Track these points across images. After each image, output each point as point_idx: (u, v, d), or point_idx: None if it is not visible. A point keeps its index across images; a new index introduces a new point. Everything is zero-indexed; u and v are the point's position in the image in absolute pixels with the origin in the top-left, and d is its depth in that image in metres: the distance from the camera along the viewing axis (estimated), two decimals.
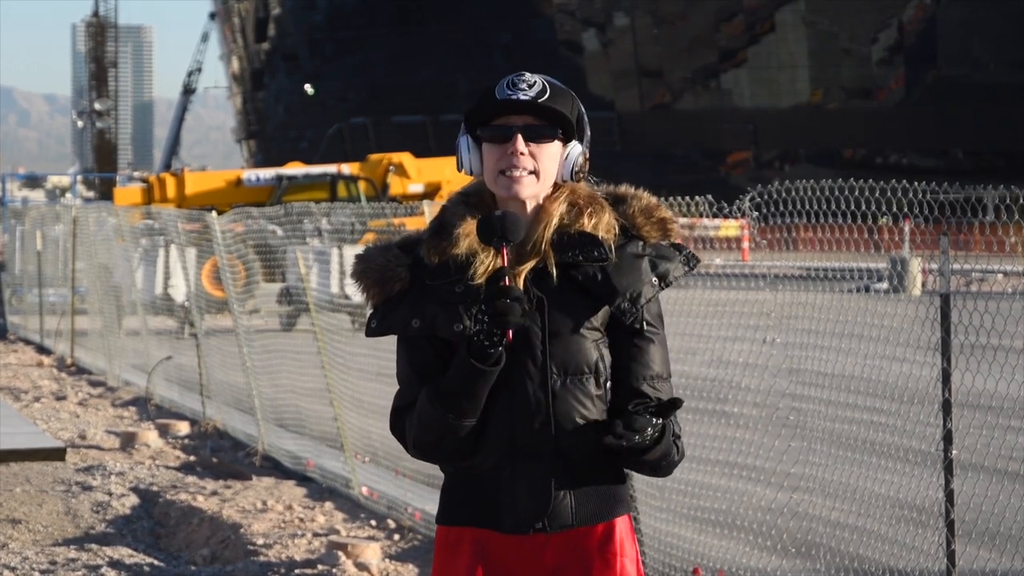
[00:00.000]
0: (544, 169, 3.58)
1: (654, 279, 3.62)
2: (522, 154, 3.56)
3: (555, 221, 3.59)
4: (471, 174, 3.65)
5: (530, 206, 3.60)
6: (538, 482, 3.56)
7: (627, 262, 3.60)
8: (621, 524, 3.64)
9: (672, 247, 3.67)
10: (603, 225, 3.60)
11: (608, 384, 3.60)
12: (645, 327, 3.61)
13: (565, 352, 3.55)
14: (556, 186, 3.63)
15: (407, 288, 3.61)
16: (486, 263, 3.55)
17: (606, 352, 3.59)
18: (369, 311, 3.66)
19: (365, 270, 3.64)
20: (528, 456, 3.57)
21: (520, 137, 3.56)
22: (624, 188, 3.73)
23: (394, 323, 3.62)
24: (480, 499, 3.61)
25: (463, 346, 3.50)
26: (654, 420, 3.47)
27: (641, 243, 3.64)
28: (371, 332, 3.65)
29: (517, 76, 3.61)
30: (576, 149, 3.62)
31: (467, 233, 3.56)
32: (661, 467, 3.60)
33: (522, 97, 3.56)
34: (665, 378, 3.65)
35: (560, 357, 3.55)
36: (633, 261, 3.60)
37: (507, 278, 3.47)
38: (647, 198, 3.71)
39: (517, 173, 3.56)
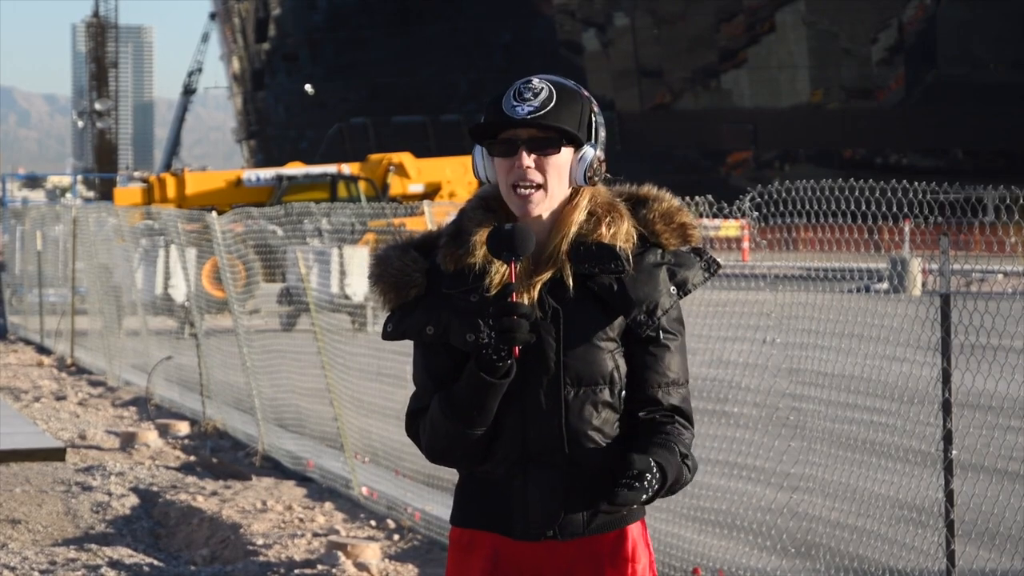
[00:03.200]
0: (552, 180, 3.54)
1: (672, 288, 3.57)
2: (528, 168, 3.53)
3: (573, 231, 3.55)
4: (487, 181, 3.62)
5: (546, 215, 3.57)
6: (550, 491, 3.55)
7: (644, 272, 3.56)
8: (634, 530, 3.62)
9: (692, 252, 3.62)
10: (621, 235, 3.56)
11: (623, 394, 3.57)
12: (661, 335, 3.57)
13: (579, 363, 3.53)
14: (576, 191, 3.59)
15: (423, 294, 3.59)
16: (502, 272, 3.52)
17: (621, 362, 3.56)
18: (386, 314, 3.65)
19: (382, 274, 3.61)
20: (540, 465, 3.55)
21: (524, 152, 3.53)
22: (646, 189, 3.68)
23: (409, 328, 3.60)
24: (493, 504, 3.59)
25: (472, 358, 3.49)
26: (641, 484, 3.40)
27: (660, 251, 3.59)
28: (387, 336, 3.64)
29: (524, 84, 3.54)
30: (589, 154, 3.56)
31: (483, 242, 3.52)
32: (675, 491, 3.58)
33: (526, 109, 3.51)
34: (681, 384, 3.61)
35: (574, 368, 3.53)
36: (651, 271, 3.56)
37: (514, 294, 3.44)
38: (668, 201, 3.64)
39: (526, 191, 3.52)
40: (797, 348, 8.21)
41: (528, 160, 3.52)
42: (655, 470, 3.42)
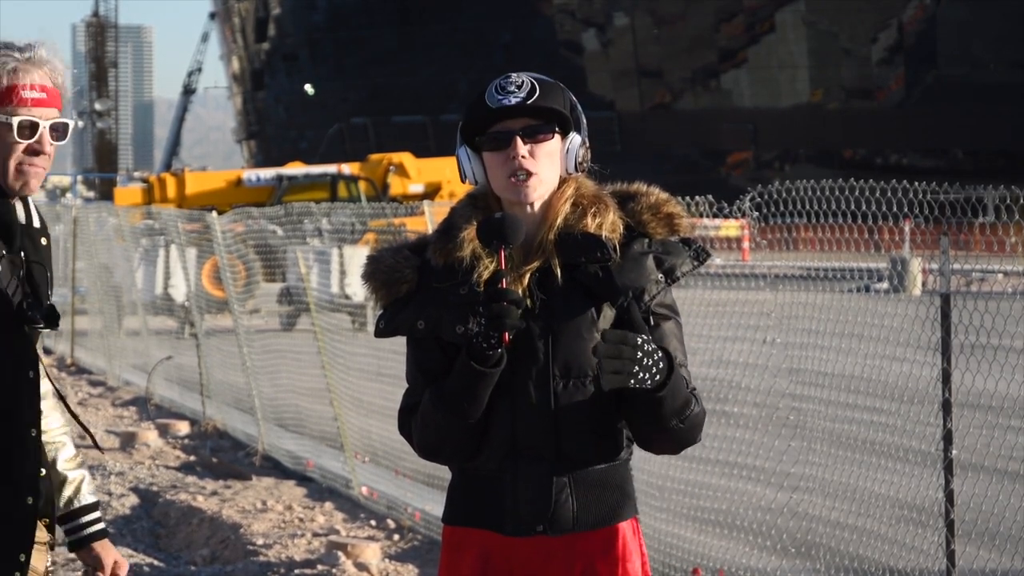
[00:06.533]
0: (547, 167, 3.57)
1: (659, 276, 3.58)
2: (523, 157, 3.55)
3: (559, 221, 3.58)
4: (475, 183, 3.64)
5: (537, 205, 3.59)
6: (539, 485, 3.55)
7: (630, 260, 3.57)
8: (625, 527, 3.62)
9: (681, 242, 3.63)
10: (607, 225, 3.58)
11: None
12: (651, 319, 3.57)
13: (568, 354, 3.54)
14: (562, 180, 3.62)
15: (414, 289, 3.61)
16: (490, 267, 3.54)
17: None
18: (379, 312, 3.67)
19: (374, 271, 3.65)
20: (530, 459, 3.55)
21: (519, 140, 3.55)
22: (636, 186, 3.71)
23: (401, 324, 3.62)
24: (484, 500, 3.60)
25: (463, 348, 3.50)
26: (638, 341, 3.35)
27: (646, 240, 3.60)
28: (379, 333, 3.67)
29: (504, 79, 3.59)
30: (576, 140, 3.60)
31: (471, 237, 3.55)
32: (686, 422, 3.53)
33: (514, 101, 3.54)
34: (680, 364, 3.58)
35: (563, 359, 3.53)
36: (637, 259, 3.57)
37: (504, 280, 3.46)
38: (657, 194, 3.66)
39: (523, 177, 3.55)
40: (797, 348, 8.22)
41: (523, 149, 3.54)
42: (641, 344, 3.36)
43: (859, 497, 8.35)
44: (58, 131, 3.86)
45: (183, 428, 14.16)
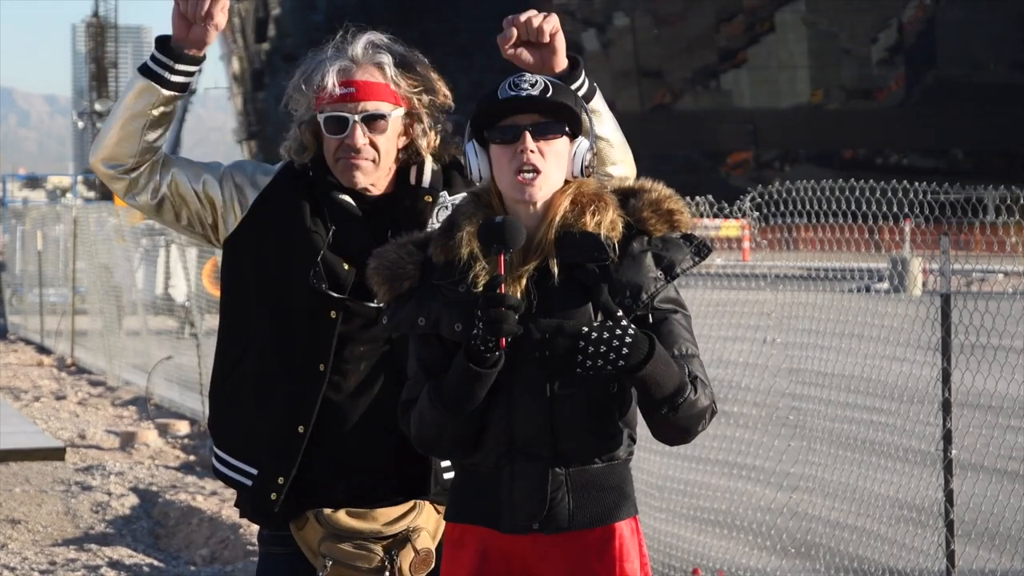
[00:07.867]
0: (553, 167, 3.57)
1: (659, 273, 3.57)
2: (532, 152, 3.55)
3: (558, 220, 3.58)
4: (480, 180, 3.64)
5: (539, 204, 3.60)
6: (535, 483, 3.56)
7: (629, 258, 3.57)
8: (623, 527, 3.61)
9: (682, 238, 3.63)
10: (606, 223, 3.57)
11: (613, 387, 3.56)
12: (651, 316, 3.56)
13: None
14: (565, 182, 3.62)
15: (416, 286, 3.62)
16: (489, 266, 3.55)
17: None
18: (382, 307, 3.68)
19: (378, 267, 3.66)
20: (527, 457, 3.56)
21: (528, 135, 3.55)
22: (639, 182, 3.70)
23: (403, 321, 3.63)
24: (482, 497, 3.61)
25: (461, 348, 3.51)
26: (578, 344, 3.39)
27: (646, 237, 3.60)
28: (382, 329, 3.67)
29: (518, 76, 3.60)
30: (584, 144, 3.60)
31: (471, 235, 3.56)
32: (679, 409, 3.49)
33: (527, 93, 3.55)
34: (688, 356, 3.58)
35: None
36: (636, 257, 3.57)
37: (502, 286, 3.46)
38: (659, 191, 3.65)
39: (530, 175, 3.55)
40: (797, 348, 8.22)
41: (532, 144, 3.54)
42: (587, 333, 3.40)
43: (859, 497, 8.35)
44: (371, 123, 4.00)
45: (183, 428, 14.15)
